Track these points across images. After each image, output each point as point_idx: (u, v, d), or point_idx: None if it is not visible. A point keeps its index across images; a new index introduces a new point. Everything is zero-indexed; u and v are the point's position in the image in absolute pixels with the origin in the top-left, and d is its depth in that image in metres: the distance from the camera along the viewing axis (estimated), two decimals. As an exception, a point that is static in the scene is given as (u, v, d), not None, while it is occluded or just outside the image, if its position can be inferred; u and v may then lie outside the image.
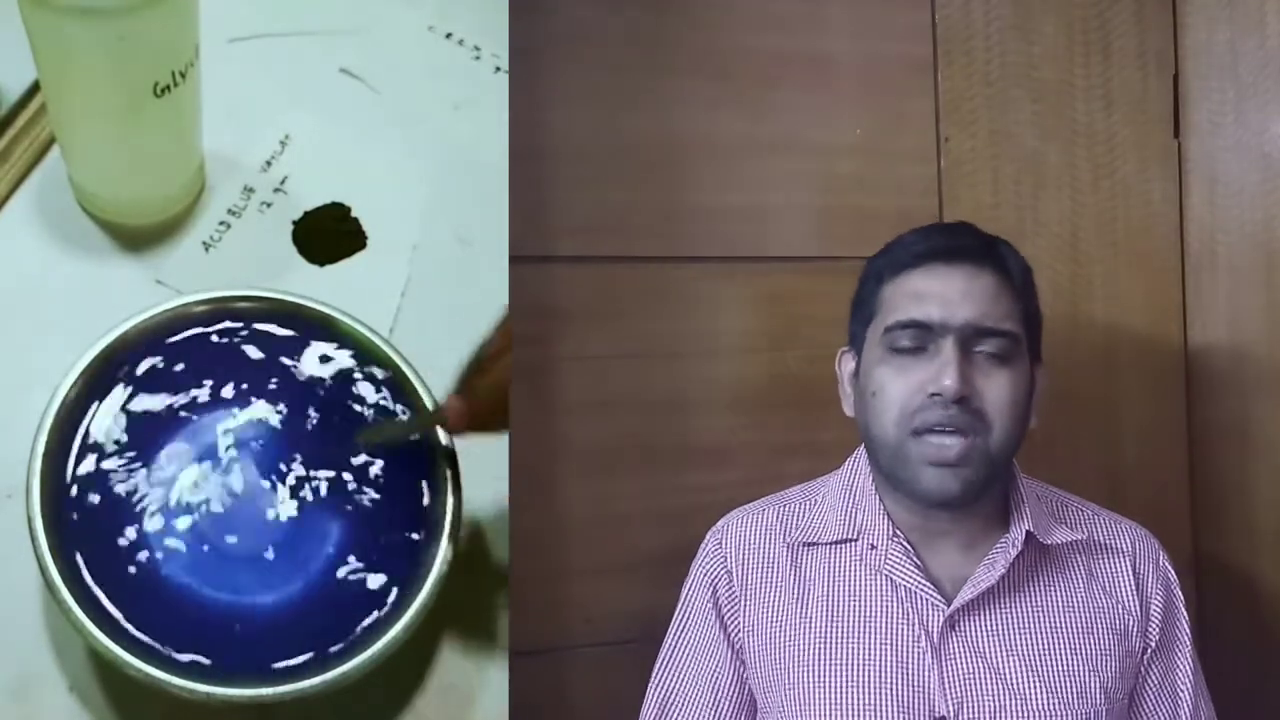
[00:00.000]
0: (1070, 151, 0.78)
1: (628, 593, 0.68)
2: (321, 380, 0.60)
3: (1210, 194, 0.78)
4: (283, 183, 0.70)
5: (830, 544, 0.56)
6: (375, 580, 0.56)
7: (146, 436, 0.60)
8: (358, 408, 0.59)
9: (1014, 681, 0.53)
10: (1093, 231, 0.78)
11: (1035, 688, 0.53)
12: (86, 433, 0.59)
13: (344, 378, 0.60)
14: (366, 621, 0.54)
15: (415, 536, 0.57)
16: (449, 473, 0.58)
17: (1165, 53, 0.79)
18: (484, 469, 0.60)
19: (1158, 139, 0.79)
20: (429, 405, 0.59)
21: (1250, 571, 0.74)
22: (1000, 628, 0.54)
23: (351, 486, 0.58)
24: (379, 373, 0.60)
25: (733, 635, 0.57)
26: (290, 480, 0.57)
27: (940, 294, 0.53)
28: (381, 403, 0.60)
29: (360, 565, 0.56)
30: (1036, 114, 0.77)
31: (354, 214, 0.68)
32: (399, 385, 0.60)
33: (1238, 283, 0.76)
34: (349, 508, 0.57)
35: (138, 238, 0.68)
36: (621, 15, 0.70)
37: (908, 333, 0.53)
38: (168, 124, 0.62)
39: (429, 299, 0.66)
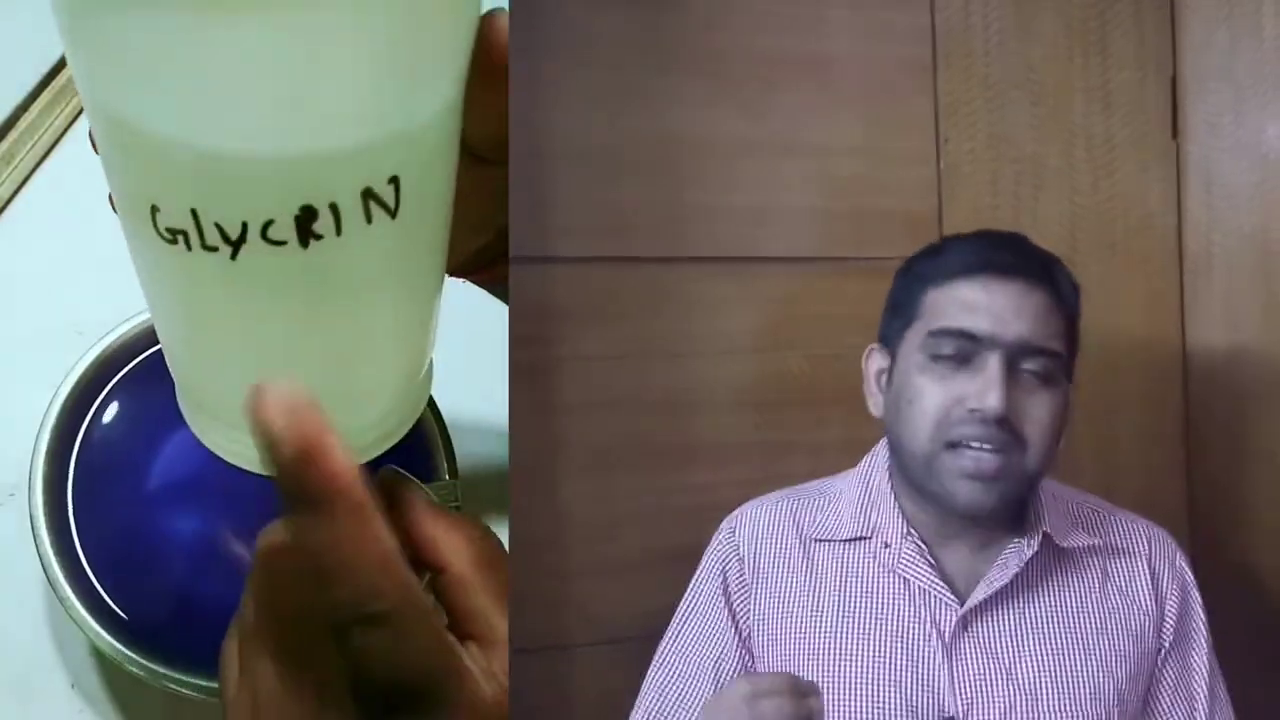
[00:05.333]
0: (1069, 153, 0.78)
1: (628, 592, 0.68)
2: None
3: (1208, 195, 0.78)
4: (284, 183, 0.70)
5: (843, 541, 0.56)
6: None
7: (150, 436, 0.60)
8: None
9: (1025, 682, 0.53)
10: (1091, 233, 0.78)
11: (1047, 688, 0.53)
12: (89, 431, 0.59)
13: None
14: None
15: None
16: (447, 466, 0.58)
17: (1163, 54, 0.80)
18: (481, 463, 0.61)
19: (1156, 140, 0.79)
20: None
21: (1247, 571, 0.74)
22: (1013, 628, 0.54)
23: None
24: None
25: (741, 623, 0.57)
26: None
27: (991, 307, 0.52)
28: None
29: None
30: (1035, 116, 0.77)
31: (355, 214, 0.68)
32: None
33: (1235, 284, 0.76)
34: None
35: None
36: (621, 15, 0.70)
37: (953, 341, 0.52)
38: None
39: (430, 299, 0.67)
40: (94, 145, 0.35)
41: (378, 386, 0.40)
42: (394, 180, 0.33)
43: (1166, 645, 0.56)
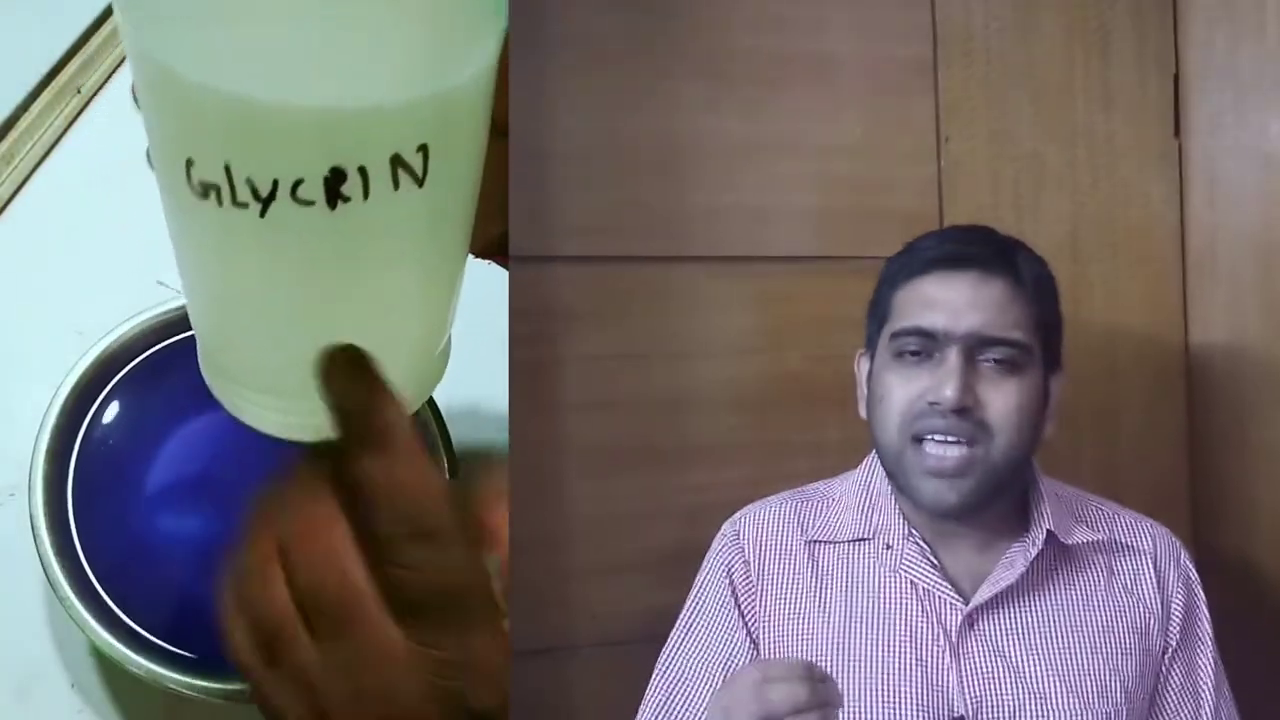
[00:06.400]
0: (1070, 152, 0.78)
1: (629, 592, 0.68)
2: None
3: (1210, 194, 0.78)
4: (284, 183, 0.70)
5: (846, 543, 0.56)
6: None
7: (150, 436, 0.60)
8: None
9: (1033, 681, 0.53)
10: (1092, 232, 0.78)
11: (1055, 687, 0.53)
12: (89, 431, 0.59)
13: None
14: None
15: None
16: (448, 465, 0.58)
17: (1165, 53, 0.79)
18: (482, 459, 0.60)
19: (1157, 139, 0.79)
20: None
21: (1249, 570, 0.74)
22: (1020, 627, 0.54)
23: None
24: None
25: (750, 624, 0.56)
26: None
27: (946, 301, 0.53)
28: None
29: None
30: (1036, 114, 0.77)
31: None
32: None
33: (1237, 283, 0.76)
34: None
35: (138, 238, 0.68)
36: (622, 15, 0.70)
37: (912, 340, 0.53)
38: None
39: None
40: (135, 100, 0.35)
41: (396, 355, 0.40)
42: (423, 148, 0.33)
43: (1173, 645, 0.56)
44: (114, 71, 0.78)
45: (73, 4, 0.78)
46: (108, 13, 0.79)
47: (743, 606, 0.56)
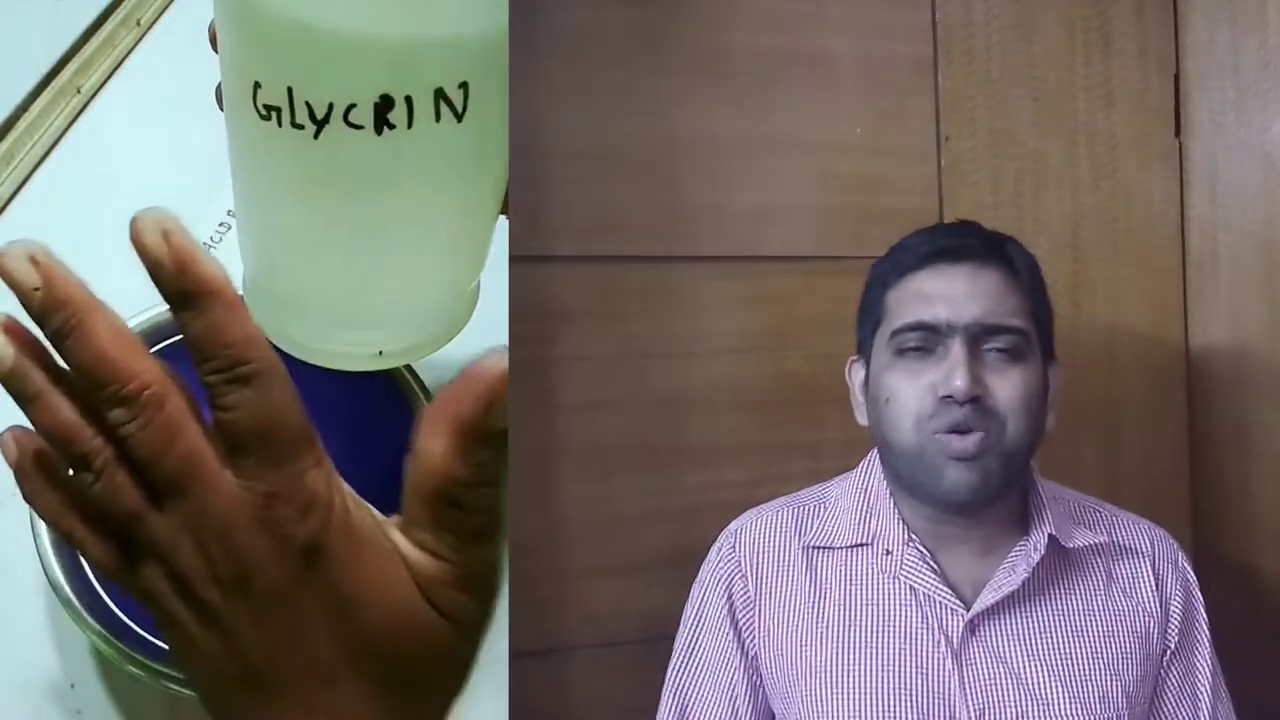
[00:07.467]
0: (1071, 151, 0.77)
1: (628, 593, 0.68)
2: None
3: (1211, 194, 0.78)
4: (283, 182, 0.70)
5: (845, 548, 0.56)
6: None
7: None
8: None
9: (1035, 686, 0.52)
10: (1093, 231, 0.78)
11: (1057, 692, 0.52)
12: (88, 432, 0.59)
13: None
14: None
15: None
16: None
17: (1166, 52, 0.79)
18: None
19: (1159, 138, 0.79)
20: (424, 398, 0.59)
21: (1250, 571, 0.74)
22: (1021, 632, 0.53)
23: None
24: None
25: (746, 640, 0.56)
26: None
27: (945, 294, 0.53)
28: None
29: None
30: (1037, 113, 0.77)
31: (355, 213, 0.69)
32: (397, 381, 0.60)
33: (1239, 283, 0.76)
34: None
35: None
36: (621, 14, 0.70)
37: (915, 335, 0.53)
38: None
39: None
40: (213, 45, 0.38)
41: (430, 284, 0.42)
42: (464, 85, 0.37)
43: (1171, 647, 0.56)
44: (114, 71, 0.78)
45: (73, 4, 0.78)
46: (108, 13, 0.79)
47: (740, 625, 0.56)
